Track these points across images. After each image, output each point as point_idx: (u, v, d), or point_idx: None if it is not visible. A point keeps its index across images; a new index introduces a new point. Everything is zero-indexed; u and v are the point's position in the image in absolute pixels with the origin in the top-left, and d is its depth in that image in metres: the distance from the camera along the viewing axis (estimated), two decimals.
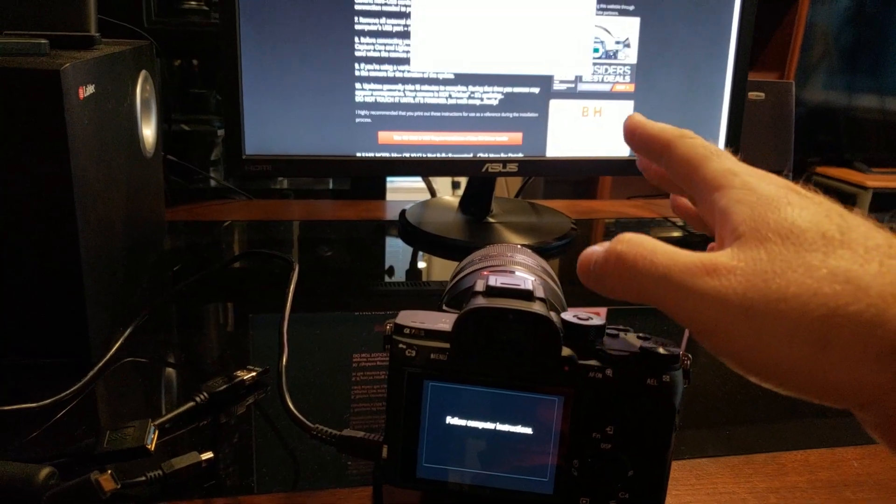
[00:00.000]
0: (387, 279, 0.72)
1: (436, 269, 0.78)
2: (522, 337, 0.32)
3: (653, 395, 0.32)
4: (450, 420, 0.34)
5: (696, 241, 0.91)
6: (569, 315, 0.34)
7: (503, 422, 0.33)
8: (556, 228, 0.85)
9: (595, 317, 0.34)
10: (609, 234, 0.92)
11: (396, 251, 0.83)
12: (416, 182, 0.98)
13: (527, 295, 0.33)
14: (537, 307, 0.32)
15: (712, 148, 0.30)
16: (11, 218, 0.45)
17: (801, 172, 1.20)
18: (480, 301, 0.33)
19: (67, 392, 0.46)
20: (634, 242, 0.27)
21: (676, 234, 0.93)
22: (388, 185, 1.28)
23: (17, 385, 0.46)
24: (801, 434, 0.46)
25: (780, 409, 0.49)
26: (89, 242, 0.48)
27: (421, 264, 0.78)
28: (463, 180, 0.90)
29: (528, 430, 0.33)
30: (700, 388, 0.51)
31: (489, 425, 0.33)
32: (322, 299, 0.65)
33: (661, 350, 0.33)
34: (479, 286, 0.34)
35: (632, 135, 0.33)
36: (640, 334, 0.35)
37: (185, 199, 0.96)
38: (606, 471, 0.33)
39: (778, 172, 0.92)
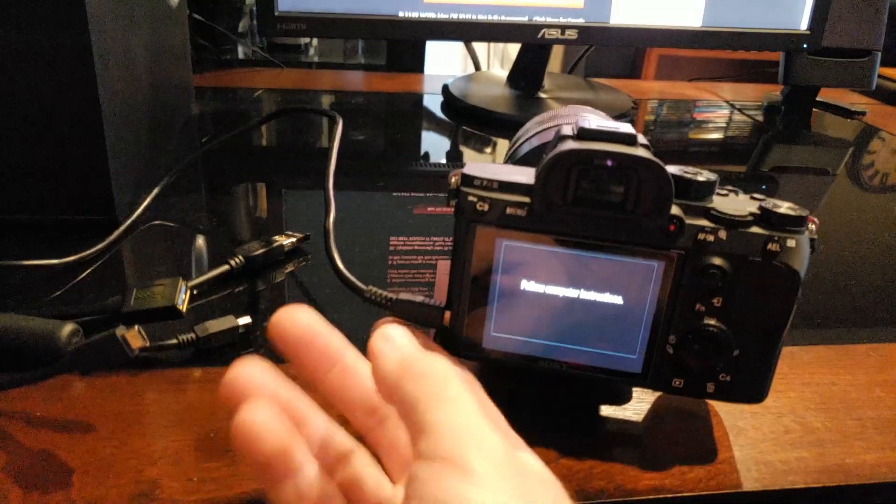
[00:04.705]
0: (428, 159, 0.66)
1: (480, 148, 0.71)
2: (625, 187, 0.27)
3: (774, 262, 0.27)
4: (525, 286, 0.29)
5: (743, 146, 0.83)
6: (673, 168, 0.28)
7: (589, 289, 0.28)
8: (614, 105, 0.77)
9: (705, 171, 0.28)
10: (658, 116, 0.85)
11: (437, 128, 0.77)
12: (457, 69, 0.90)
13: (629, 139, 0.27)
14: (643, 152, 0.26)
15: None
16: (23, 54, 0.40)
17: (888, 64, 1.07)
18: (572, 144, 0.27)
19: (92, 250, 0.42)
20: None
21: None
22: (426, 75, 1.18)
23: (41, 244, 0.43)
24: None
25: (877, 299, 0.44)
26: (109, 84, 0.43)
27: (463, 145, 0.72)
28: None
29: (618, 300, 0.28)
30: None
31: (572, 293, 0.29)
32: (356, 178, 0.59)
33: (784, 210, 0.27)
34: (568, 130, 0.28)
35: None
36: (756, 195, 0.29)
37: (212, 67, 0.90)
38: (708, 348, 0.28)
39: (867, 53, 0.80)
